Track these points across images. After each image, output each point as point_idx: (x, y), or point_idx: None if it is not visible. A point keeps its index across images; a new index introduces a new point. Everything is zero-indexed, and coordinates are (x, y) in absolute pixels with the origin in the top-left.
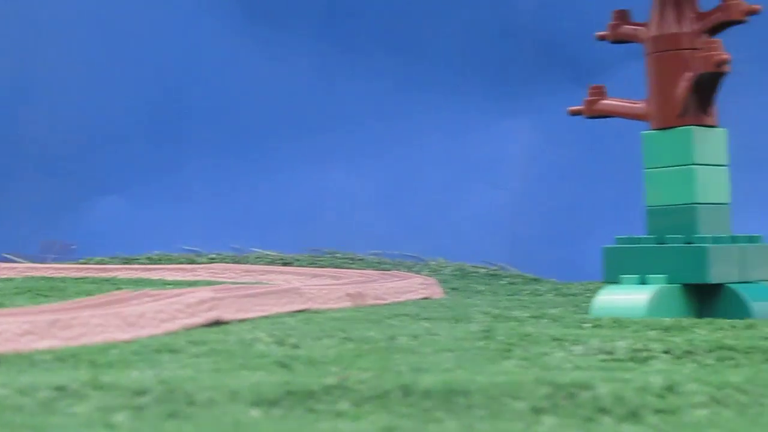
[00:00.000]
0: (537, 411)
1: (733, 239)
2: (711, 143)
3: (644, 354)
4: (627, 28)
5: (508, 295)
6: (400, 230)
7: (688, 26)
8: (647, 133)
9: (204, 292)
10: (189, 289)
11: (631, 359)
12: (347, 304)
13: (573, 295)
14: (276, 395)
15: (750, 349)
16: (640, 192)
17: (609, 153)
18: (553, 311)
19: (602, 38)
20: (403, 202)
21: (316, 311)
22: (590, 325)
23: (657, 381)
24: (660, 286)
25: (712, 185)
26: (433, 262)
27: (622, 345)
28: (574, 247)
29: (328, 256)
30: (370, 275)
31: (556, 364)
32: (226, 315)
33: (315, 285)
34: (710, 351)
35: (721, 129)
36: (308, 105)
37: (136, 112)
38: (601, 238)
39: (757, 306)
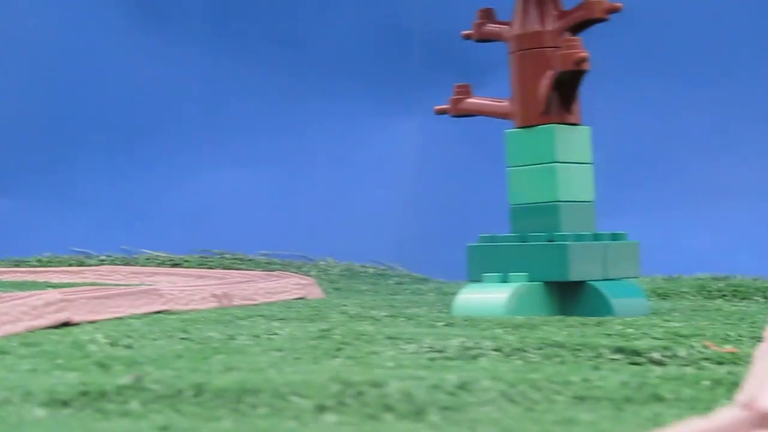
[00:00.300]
0: (320, 409)
1: (596, 237)
2: (574, 141)
3: (474, 352)
4: (491, 27)
5: (390, 294)
6: (289, 230)
7: (550, 24)
8: (510, 131)
9: (52, 294)
10: (39, 291)
11: (460, 357)
12: (213, 304)
13: (453, 294)
14: (70, 396)
15: (580, 346)
16: None
17: (497, 152)
18: (415, 310)
19: (467, 37)
20: (293, 202)
21: (174, 312)
22: (443, 323)
23: (451, 379)
24: (519, 284)
25: (576, 183)
26: (323, 262)
27: (454, 343)
28: (462, 246)
29: (218, 257)
30: (250, 276)
31: (378, 362)
32: (77, 317)
33: (179, 286)
34: (540, 348)
35: (584, 127)
36: (198, 106)
37: (24, 111)
38: None
39: (618, 303)
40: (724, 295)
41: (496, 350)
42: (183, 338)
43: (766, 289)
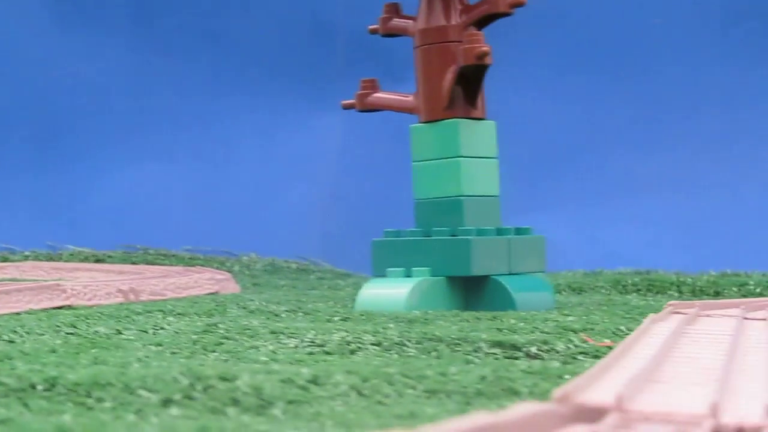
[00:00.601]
0: (166, 403)
1: (500, 232)
2: (478, 136)
3: (353, 346)
4: (397, 22)
5: (307, 289)
6: (213, 226)
7: (454, 19)
8: (415, 126)
9: None
10: None
11: (338, 351)
12: (119, 300)
13: None
14: None
15: (460, 340)
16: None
17: None
18: (319, 305)
19: (373, 32)
20: (216, 198)
21: (75, 308)
22: (339, 318)
23: (305, 373)
24: (421, 279)
25: (480, 178)
26: (246, 258)
27: (335, 338)
28: None
29: (142, 252)
30: (164, 271)
31: (253, 357)
32: None
33: (82, 281)
34: (419, 343)
35: (489, 121)
36: (122, 101)
37: None
38: None
39: (520, 297)
40: (639, 290)
41: (375, 344)
42: (69, 333)
43: (681, 284)
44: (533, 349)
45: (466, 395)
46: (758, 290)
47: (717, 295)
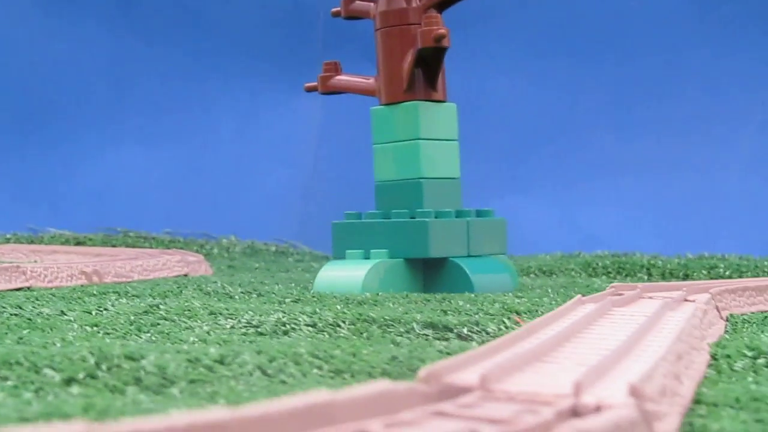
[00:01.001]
0: (68, 382)
1: (460, 214)
2: (439, 118)
3: (287, 327)
4: (359, 4)
5: (281, 272)
6: (194, 209)
7: (414, 1)
8: (375, 108)
9: None
10: None
11: (271, 332)
12: (81, 281)
13: None
14: None
15: (394, 321)
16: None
17: None
18: (277, 287)
19: (336, 15)
20: (197, 181)
21: (35, 289)
22: (291, 300)
23: (212, 353)
24: (378, 261)
25: (440, 160)
26: (225, 240)
27: (271, 319)
28: None
29: (122, 235)
30: (134, 253)
31: (183, 337)
32: None
33: (44, 263)
34: (353, 324)
35: (450, 104)
36: (104, 87)
37: None
38: None
39: (478, 279)
40: (609, 273)
41: (309, 325)
42: (12, 314)
43: (652, 267)
44: (464, 330)
45: (371, 375)
46: (727, 273)
47: (686, 277)
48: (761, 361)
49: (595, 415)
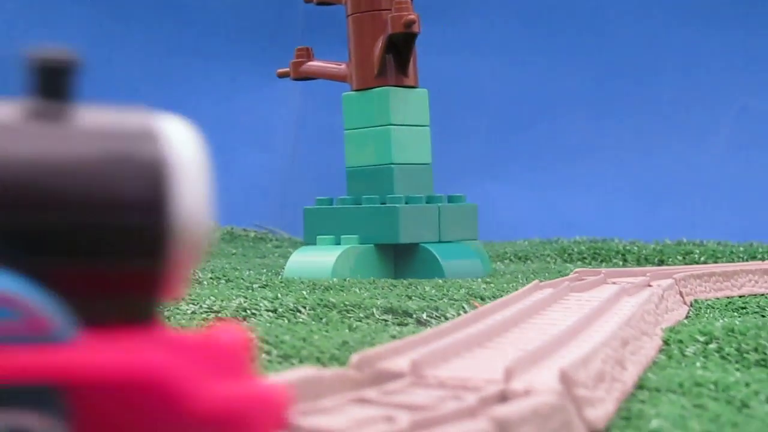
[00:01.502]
0: None
1: (431, 200)
2: (410, 104)
3: (248, 312)
4: None
5: (257, 257)
6: None
7: None
8: (347, 94)
9: None
10: None
11: (233, 317)
12: None
13: None
14: None
15: (354, 307)
16: None
17: None
18: (247, 273)
19: (308, 1)
20: None
21: None
22: (259, 285)
23: None
24: (348, 247)
25: (411, 146)
26: None
27: (233, 305)
28: None
29: None
30: None
31: None
32: None
33: None
34: (313, 309)
35: (421, 90)
36: (80, 69)
37: None
38: None
39: (448, 265)
40: (584, 258)
41: (270, 311)
42: None
43: (627, 252)
44: (424, 316)
45: (320, 360)
46: (702, 259)
47: (661, 263)
48: (712, 346)
49: (516, 401)
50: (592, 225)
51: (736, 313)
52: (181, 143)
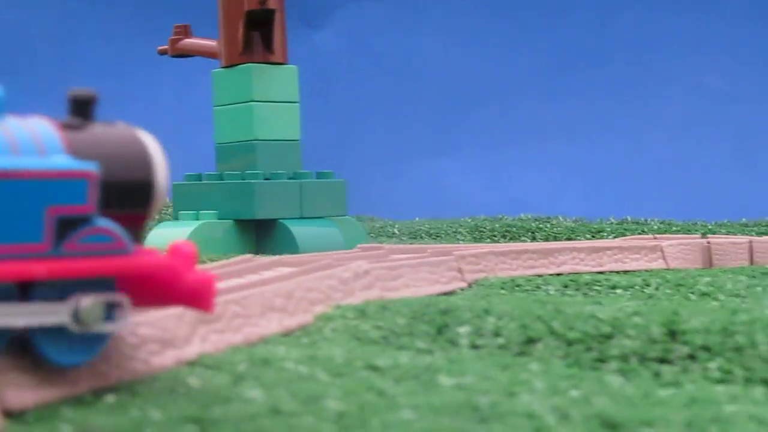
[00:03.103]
0: None
1: (297, 176)
2: (276, 80)
3: None
4: None
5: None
6: None
7: None
8: (215, 71)
9: None
10: None
11: None
12: None
13: None
14: None
15: None
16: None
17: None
18: None
19: None
20: None
21: None
22: None
23: None
24: (203, 222)
25: (277, 122)
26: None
27: None
28: None
29: None
30: None
31: None
32: None
33: None
34: None
35: (290, 66)
36: (46, 48)
37: None
38: None
39: (303, 240)
40: (494, 236)
41: None
42: None
43: (538, 230)
44: None
45: None
46: (612, 237)
47: (570, 241)
48: (354, 322)
49: None
50: (540, 203)
51: (503, 290)
52: (151, 143)
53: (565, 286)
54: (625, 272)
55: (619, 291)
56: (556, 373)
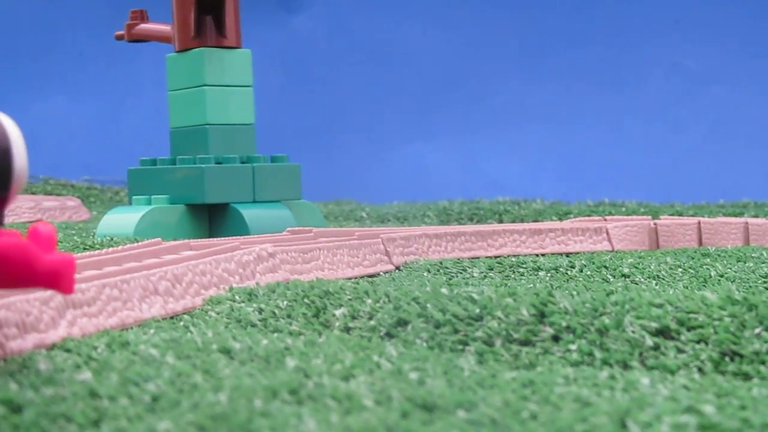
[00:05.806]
0: None
1: (250, 160)
2: (229, 64)
3: None
4: None
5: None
6: (113, 157)
7: None
8: (170, 55)
9: None
10: None
11: None
12: None
13: None
14: None
15: None
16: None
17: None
18: (69, 233)
19: None
20: (118, 130)
21: None
22: (71, 245)
23: None
24: (153, 207)
25: (230, 106)
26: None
27: None
28: None
29: (42, 182)
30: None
31: None
32: None
33: None
34: None
35: (244, 50)
36: (29, 36)
37: None
38: None
39: (254, 224)
40: (461, 219)
41: None
42: None
43: (505, 212)
44: None
45: None
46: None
47: (536, 222)
48: (240, 305)
49: None
50: (518, 186)
51: (427, 273)
52: (10, 126)
53: (491, 269)
54: (567, 255)
55: (541, 273)
56: (411, 355)
